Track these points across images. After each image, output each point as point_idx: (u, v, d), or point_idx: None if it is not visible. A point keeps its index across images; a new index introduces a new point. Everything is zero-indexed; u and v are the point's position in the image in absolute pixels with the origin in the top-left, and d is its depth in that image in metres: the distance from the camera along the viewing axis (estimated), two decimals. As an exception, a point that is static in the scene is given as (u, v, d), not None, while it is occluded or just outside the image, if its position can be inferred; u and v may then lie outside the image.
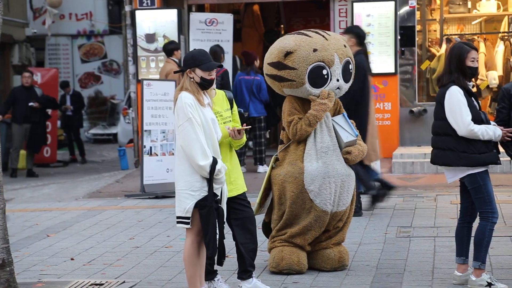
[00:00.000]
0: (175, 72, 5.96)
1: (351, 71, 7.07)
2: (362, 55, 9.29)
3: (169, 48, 12.75)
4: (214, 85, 6.12)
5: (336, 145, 6.93)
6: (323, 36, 6.98)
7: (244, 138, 6.31)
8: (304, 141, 6.92)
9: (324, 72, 6.87)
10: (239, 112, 6.54)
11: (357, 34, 9.49)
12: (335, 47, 6.94)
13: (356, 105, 8.95)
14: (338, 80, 6.92)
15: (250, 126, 6.27)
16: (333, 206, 6.85)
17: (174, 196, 11.13)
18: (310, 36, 6.96)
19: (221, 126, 6.13)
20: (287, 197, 6.87)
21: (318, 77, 6.86)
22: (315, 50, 6.86)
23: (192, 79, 5.83)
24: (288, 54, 6.88)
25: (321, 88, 6.87)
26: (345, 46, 7.05)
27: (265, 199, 7.07)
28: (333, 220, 6.92)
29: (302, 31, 7.12)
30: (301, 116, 6.89)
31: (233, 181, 6.23)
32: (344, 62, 6.97)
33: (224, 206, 5.90)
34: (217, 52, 12.38)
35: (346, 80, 7.02)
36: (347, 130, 6.97)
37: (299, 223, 6.86)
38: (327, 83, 6.89)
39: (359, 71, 8.40)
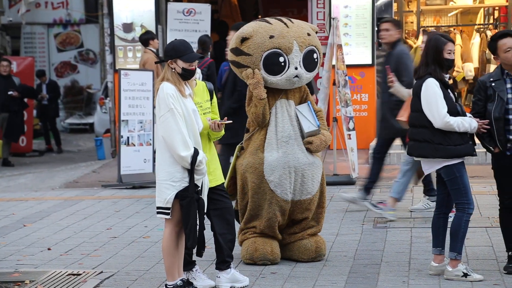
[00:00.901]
0: (156, 63, 5.96)
1: (315, 60, 6.98)
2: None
3: (144, 38, 12.81)
4: (197, 75, 6.14)
5: (298, 134, 6.89)
6: (285, 24, 6.92)
7: (222, 132, 6.33)
8: (265, 130, 6.89)
9: (281, 59, 6.82)
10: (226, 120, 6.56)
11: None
12: (295, 35, 6.87)
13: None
14: (296, 68, 6.86)
15: (231, 121, 6.28)
16: (294, 195, 6.86)
17: (151, 186, 11.19)
18: (270, 23, 6.92)
19: (202, 117, 6.13)
20: (248, 187, 6.88)
21: (274, 64, 6.81)
22: (271, 36, 6.81)
23: (173, 70, 5.83)
24: (244, 40, 6.85)
25: (277, 76, 6.83)
26: (308, 34, 6.96)
27: (232, 188, 7.07)
28: (298, 208, 6.92)
29: (265, 18, 7.09)
30: None
31: (212, 172, 6.24)
32: (306, 51, 6.90)
33: (205, 197, 5.91)
34: (206, 42, 12.33)
35: (309, 69, 6.93)
36: (309, 119, 6.91)
37: (263, 215, 6.87)
38: (285, 71, 6.83)
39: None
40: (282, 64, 6.83)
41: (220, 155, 9.50)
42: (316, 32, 7.13)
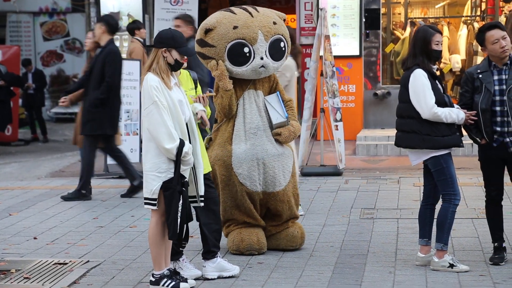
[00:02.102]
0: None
1: (283, 49, 6.90)
2: None
3: (130, 28, 12.85)
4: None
5: (266, 125, 6.84)
6: (250, 13, 6.84)
7: (208, 109, 6.28)
8: (233, 122, 6.84)
9: (246, 50, 6.75)
10: (210, 92, 6.53)
11: None
12: (260, 24, 6.79)
13: None
14: (262, 58, 6.78)
15: (214, 94, 6.20)
16: (266, 186, 6.82)
17: (138, 176, 11.09)
18: (234, 13, 6.84)
19: (189, 98, 6.09)
20: (218, 180, 6.84)
21: (238, 55, 6.74)
22: (235, 27, 6.74)
23: (165, 58, 5.79)
24: (208, 31, 6.79)
25: (243, 67, 6.76)
26: (274, 23, 6.87)
27: None
28: (272, 200, 6.87)
29: (230, 8, 7.01)
30: None
31: (198, 160, 6.21)
32: (272, 40, 6.83)
33: (201, 185, 5.90)
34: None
35: (275, 58, 6.86)
36: (277, 110, 6.85)
37: (237, 206, 6.84)
38: (250, 61, 6.77)
39: None
40: (247, 54, 6.76)
41: (84, 148, 9.66)
42: (284, 20, 7.03)
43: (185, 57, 5.85)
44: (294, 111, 7.00)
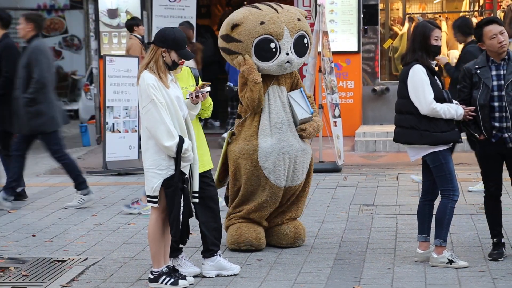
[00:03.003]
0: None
1: (306, 45, 6.97)
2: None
3: (128, 24, 12.91)
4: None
5: (290, 120, 6.89)
6: (275, 9, 6.90)
7: (210, 101, 6.26)
8: (258, 117, 6.88)
9: (272, 45, 6.80)
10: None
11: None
12: (286, 20, 6.85)
13: None
14: (287, 54, 6.85)
15: (209, 83, 6.14)
16: (287, 181, 6.87)
17: (136, 173, 11.16)
18: (260, 9, 6.90)
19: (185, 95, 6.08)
20: (241, 173, 6.87)
21: (265, 50, 6.79)
22: (262, 22, 6.80)
23: (163, 58, 5.78)
24: (235, 26, 6.83)
25: (269, 62, 6.81)
26: (298, 19, 6.94)
27: (224, 174, 7.06)
28: (287, 194, 6.94)
29: (255, 4, 7.06)
30: None
31: (199, 158, 6.19)
32: (297, 36, 6.89)
33: (196, 182, 5.88)
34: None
35: (299, 54, 6.93)
36: (302, 106, 6.92)
37: (255, 200, 6.88)
38: (276, 57, 6.82)
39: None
40: (274, 50, 6.82)
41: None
42: (306, 17, 7.11)
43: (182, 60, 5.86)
44: (315, 108, 7.07)
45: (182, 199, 5.74)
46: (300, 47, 6.93)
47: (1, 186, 9.50)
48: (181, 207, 5.73)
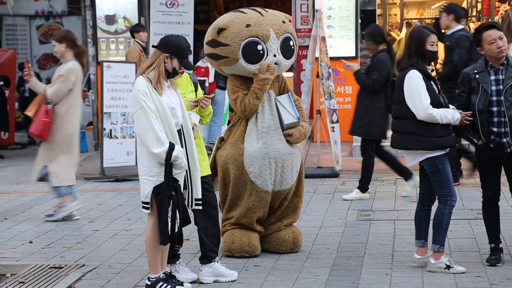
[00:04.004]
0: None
1: (292, 47, 6.97)
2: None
3: (130, 30, 12.95)
4: None
5: (278, 125, 6.87)
6: (259, 13, 6.93)
7: (210, 109, 6.31)
8: (245, 121, 6.88)
9: (259, 47, 6.81)
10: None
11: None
12: (271, 23, 6.87)
13: None
14: (275, 56, 6.85)
15: (214, 95, 6.25)
16: (275, 185, 6.85)
17: (134, 179, 11.15)
18: (245, 13, 6.93)
19: (185, 101, 6.10)
20: (230, 178, 6.87)
21: (252, 53, 6.79)
22: (248, 25, 6.80)
23: (165, 64, 5.77)
24: (221, 30, 6.83)
25: (256, 65, 6.81)
26: (283, 22, 6.95)
27: (213, 179, 7.05)
28: (277, 198, 6.92)
29: (239, 9, 7.09)
30: (245, 92, 6.85)
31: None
32: (283, 38, 6.90)
33: (198, 189, 5.88)
34: None
35: (286, 56, 6.94)
36: (289, 111, 6.91)
37: (242, 205, 6.86)
38: (263, 59, 6.82)
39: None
40: (261, 52, 6.82)
41: None
42: (289, 21, 7.11)
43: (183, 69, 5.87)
44: (303, 112, 7.07)
45: (171, 207, 5.68)
46: (287, 49, 6.93)
47: None
48: (169, 215, 5.67)
